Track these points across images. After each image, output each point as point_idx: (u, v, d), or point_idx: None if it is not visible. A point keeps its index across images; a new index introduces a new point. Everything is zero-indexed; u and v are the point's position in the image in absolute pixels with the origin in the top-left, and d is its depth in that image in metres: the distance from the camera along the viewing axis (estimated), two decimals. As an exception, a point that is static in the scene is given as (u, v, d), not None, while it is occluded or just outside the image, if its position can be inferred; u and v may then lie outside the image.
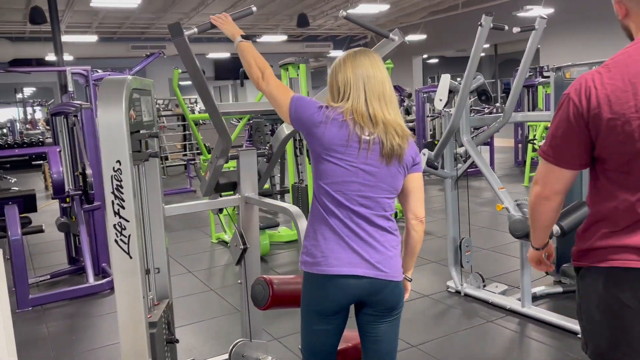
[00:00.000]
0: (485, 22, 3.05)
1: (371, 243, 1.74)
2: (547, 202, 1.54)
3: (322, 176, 1.75)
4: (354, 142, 1.69)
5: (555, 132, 1.46)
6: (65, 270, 4.78)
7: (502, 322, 3.33)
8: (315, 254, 1.76)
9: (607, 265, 1.45)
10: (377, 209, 1.75)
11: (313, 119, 1.73)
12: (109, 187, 1.89)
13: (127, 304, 1.95)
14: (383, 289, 1.76)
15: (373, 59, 1.80)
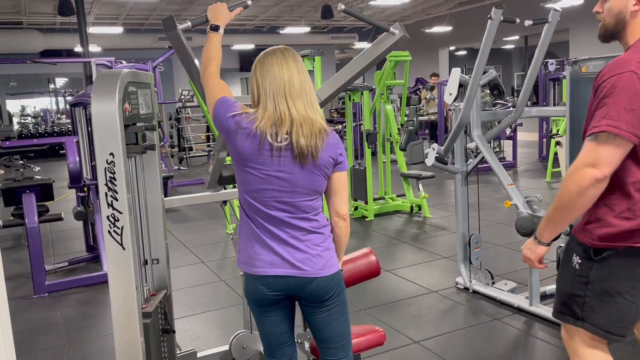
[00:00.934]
0: (495, 15, 2.99)
1: (293, 244, 1.77)
2: (601, 184, 1.55)
3: (241, 184, 1.81)
4: (265, 151, 1.69)
5: (626, 106, 1.49)
6: (83, 257, 4.90)
7: (508, 320, 3.28)
8: (245, 255, 1.85)
9: None
10: (296, 212, 1.77)
11: (228, 127, 1.74)
12: (102, 179, 1.92)
13: (120, 295, 1.99)
14: (306, 285, 1.80)
15: (282, 57, 1.76)
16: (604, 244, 1.63)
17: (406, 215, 6.15)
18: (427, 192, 6.30)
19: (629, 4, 1.63)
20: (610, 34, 1.70)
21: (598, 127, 1.52)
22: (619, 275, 1.63)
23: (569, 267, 1.74)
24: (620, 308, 1.65)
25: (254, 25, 15.72)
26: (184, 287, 4.14)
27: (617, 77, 1.52)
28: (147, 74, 2.29)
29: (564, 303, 1.75)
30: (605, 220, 1.62)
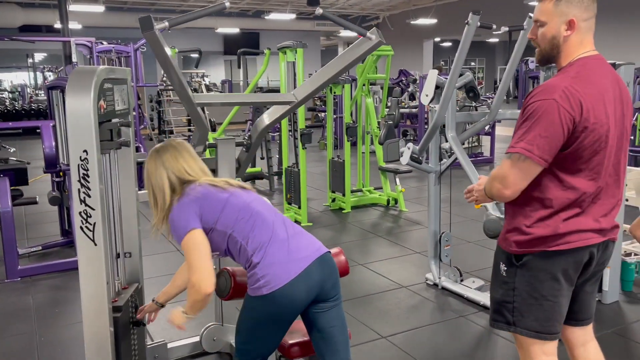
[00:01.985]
0: (472, 20, 3.03)
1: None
2: (507, 198, 1.76)
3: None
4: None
5: (541, 133, 1.63)
6: (57, 242, 4.89)
7: (474, 317, 3.38)
8: (269, 271, 1.92)
9: (569, 247, 1.73)
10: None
11: (213, 215, 1.95)
12: (76, 175, 1.94)
13: (90, 290, 2.02)
14: (329, 261, 2.06)
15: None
16: (522, 250, 1.77)
17: (382, 209, 6.24)
18: (404, 186, 6.39)
19: (561, 29, 1.72)
20: (547, 58, 1.79)
21: (514, 147, 1.68)
22: (539, 278, 1.77)
23: (498, 275, 1.88)
24: (545, 309, 1.79)
25: (239, 8, 15.58)
26: (157, 276, 4.16)
27: (541, 102, 1.64)
28: (124, 69, 2.30)
29: (497, 310, 1.87)
30: (521, 229, 1.77)
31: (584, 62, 1.73)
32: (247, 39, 17.12)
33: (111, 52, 8.13)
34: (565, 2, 1.70)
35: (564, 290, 1.80)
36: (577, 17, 1.71)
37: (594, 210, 1.75)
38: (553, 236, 1.74)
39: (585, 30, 1.75)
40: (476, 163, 9.09)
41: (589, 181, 1.72)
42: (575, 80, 1.66)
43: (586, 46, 1.76)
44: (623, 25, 11.49)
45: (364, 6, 16.22)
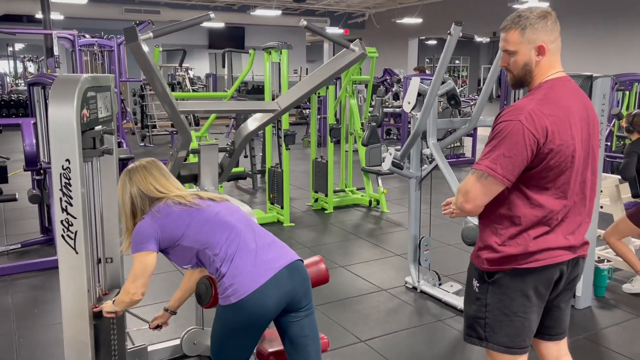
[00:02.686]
0: (454, 31, 3.08)
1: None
2: (470, 213, 1.80)
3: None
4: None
5: (505, 153, 1.68)
6: (36, 240, 4.85)
7: (451, 322, 3.45)
8: (239, 280, 2.00)
9: (538, 265, 1.78)
10: None
11: (178, 230, 2.03)
12: (58, 184, 1.95)
13: (71, 297, 2.04)
14: (302, 269, 2.13)
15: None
16: (494, 267, 1.83)
17: (365, 209, 6.30)
18: (386, 187, 6.45)
19: (532, 56, 1.77)
20: (519, 83, 1.84)
21: (479, 165, 1.73)
22: (510, 295, 1.82)
23: (470, 291, 1.92)
24: (516, 325, 1.84)
25: (224, 2, 15.47)
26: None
27: (507, 123, 1.70)
28: (108, 76, 2.30)
29: (470, 326, 1.92)
30: (493, 247, 1.82)
31: (551, 84, 1.78)
32: (232, 34, 17.02)
33: (94, 45, 8.04)
34: (531, 29, 1.75)
35: (534, 307, 1.84)
36: (545, 41, 1.76)
37: (563, 228, 1.81)
38: (523, 254, 1.79)
39: (554, 52, 1.80)
40: (458, 164, 9.20)
41: (555, 199, 1.77)
42: (542, 102, 1.72)
43: (554, 67, 1.81)
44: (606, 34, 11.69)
45: (350, 3, 16.22)
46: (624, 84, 6.69)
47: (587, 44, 11.83)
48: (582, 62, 11.31)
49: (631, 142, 3.95)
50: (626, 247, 3.93)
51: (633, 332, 3.33)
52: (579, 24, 12.08)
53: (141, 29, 8.46)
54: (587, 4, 11.89)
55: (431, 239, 3.98)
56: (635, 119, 3.91)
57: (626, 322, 3.45)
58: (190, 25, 2.12)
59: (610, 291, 3.87)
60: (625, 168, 3.81)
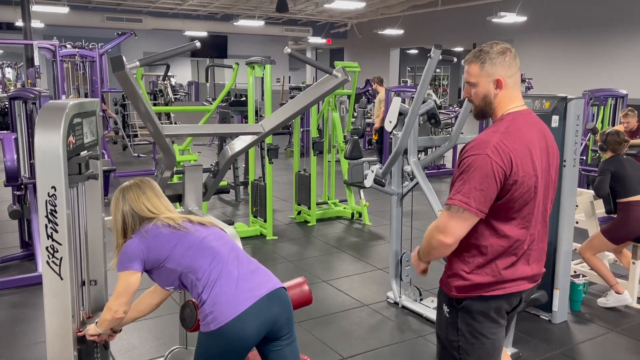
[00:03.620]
0: (434, 54, 3.16)
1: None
2: (449, 248, 1.84)
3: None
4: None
5: (476, 186, 1.75)
6: (16, 255, 4.80)
7: (431, 337, 3.51)
8: (221, 306, 2.03)
9: (500, 293, 1.87)
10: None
11: (164, 251, 2.07)
12: (43, 211, 1.96)
13: (56, 323, 2.04)
14: (283, 297, 2.13)
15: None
16: (462, 294, 1.89)
17: (347, 222, 6.35)
18: (368, 200, 6.52)
19: (490, 88, 1.88)
20: (482, 113, 1.94)
21: (452, 200, 1.79)
22: (478, 320, 1.89)
23: (442, 315, 2.00)
24: (487, 347, 1.91)
25: (207, 11, 15.48)
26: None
27: (475, 157, 1.77)
28: (93, 101, 2.32)
29: (444, 348, 1.99)
30: (461, 275, 1.88)
31: (512, 117, 1.87)
32: (215, 42, 17.02)
33: (75, 56, 8.00)
34: (490, 63, 1.85)
35: (500, 327, 1.94)
36: (503, 76, 1.86)
37: (528, 256, 1.89)
38: (490, 283, 1.87)
39: (512, 86, 1.89)
40: (439, 175, 9.33)
41: (521, 229, 1.85)
42: (504, 135, 1.80)
43: (514, 100, 1.90)
44: (581, 50, 11.97)
45: (332, 13, 16.36)
46: (599, 99, 6.87)
47: (562, 60, 12.12)
48: (557, 78, 11.58)
49: (605, 160, 4.08)
50: (600, 261, 4.05)
51: (608, 347, 3.43)
52: (554, 40, 12.37)
53: (124, 39, 8.46)
54: (562, 22, 12.19)
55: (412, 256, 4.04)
56: (609, 138, 4.03)
57: (601, 337, 3.55)
58: (176, 54, 2.15)
59: (586, 305, 3.98)
60: (599, 186, 3.93)
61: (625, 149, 4.05)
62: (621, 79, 10.54)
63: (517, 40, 13.21)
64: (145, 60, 2.13)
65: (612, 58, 11.38)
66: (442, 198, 3.90)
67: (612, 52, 11.38)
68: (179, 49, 2.15)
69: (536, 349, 3.36)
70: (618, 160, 3.99)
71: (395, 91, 9.06)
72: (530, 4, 12.01)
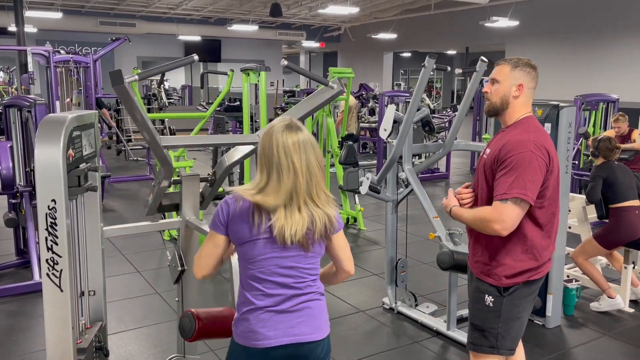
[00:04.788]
0: (428, 63, 3.20)
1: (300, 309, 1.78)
2: (501, 235, 2.04)
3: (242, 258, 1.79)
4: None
5: (529, 178, 1.99)
6: (12, 263, 4.80)
7: (427, 343, 3.54)
8: (245, 328, 1.77)
9: (540, 277, 2.14)
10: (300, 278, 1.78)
11: (246, 231, 1.72)
12: (43, 224, 1.98)
13: (56, 335, 2.06)
14: (314, 349, 1.79)
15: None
16: (512, 281, 2.11)
17: (342, 227, 6.37)
18: (363, 204, 6.55)
19: (512, 90, 2.14)
20: (495, 111, 2.18)
21: (510, 193, 1.98)
22: (520, 304, 2.13)
23: (482, 306, 2.17)
24: (518, 327, 2.18)
25: (201, 16, 15.49)
26: (118, 299, 4.17)
27: (521, 154, 2.02)
28: (91, 113, 2.34)
29: (481, 336, 2.17)
30: (509, 265, 2.10)
31: (532, 119, 2.17)
32: (209, 46, 17.03)
33: (69, 62, 7.99)
34: (520, 70, 2.14)
35: (530, 310, 2.22)
36: (525, 84, 2.15)
37: (552, 240, 2.17)
38: (535, 268, 2.11)
39: (528, 96, 2.17)
40: (432, 179, 9.38)
41: (550, 214, 2.13)
42: (537, 133, 2.09)
43: (527, 107, 2.19)
44: (574, 55, 12.08)
45: (326, 17, 16.41)
46: (590, 103, 6.94)
47: (554, 64, 12.21)
48: (549, 82, 11.67)
49: (597, 166, 4.13)
50: (593, 266, 4.10)
51: (600, 352, 3.48)
52: (546, 45, 12.47)
53: (118, 44, 8.47)
54: (554, 26, 12.29)
55: (407, 258, 4.08)
56: (601, 144, 4.09)
57: (594, 341, 3.60)
58: (175, 67, 2.18)
59: (579, 310, 4.03)
60: (591, 192, 3.98)
61: (617, 155, 4.10)
62: (613, 83, 10.66)
63: (509, 45, 13.32)
64: (144, 74, 2.15)
65: (604, 62, 11.49)
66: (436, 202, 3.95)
67: (603, 56, 11.49)
68: (177, 63, 2.17)
69: (530, 353, 3.39)
70: (610, 166, 4.04)
71: (389, 96, 9.11)
72: (522, 8, 12.11)
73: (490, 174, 2.11)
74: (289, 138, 1.73)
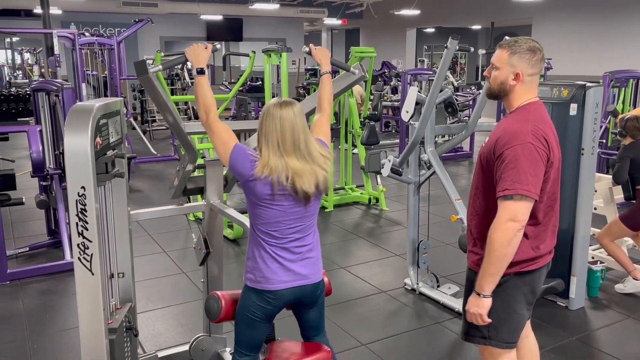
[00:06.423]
0: (451, 45, 3.16)
1: (302, 262, 2.17)
2: (521, 233, 1.94)
3: (256, 217, 2.11)
4: (279, 192, 2.05)
5: (530, 172, 1.88)
6: (44, 242, 4.95)
7: (449, 324, 3.57)
8: (256, 274, 2.13)
9: (535, 268, 2.05)
10: (308, 230, 2.16)
11: (246, 174, 2.05)
12: (74, 210, 2.05)
13: (88, 316, 2.14)
14: (311, 291, 2.22)
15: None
16: None
17: (364, 207, 6.41)
18: (385, 185, 6.56)
19: (509, 78, 2.02)
20: (494, 95, 2.09)
21: (513, 189, 1.88)
22: (513, 296, 2.06)
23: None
24: (514, 322, 2.09)
25: (222, -6, 15.42)
26: (145, 279, 4.29)
27: (519, 147, 1.90)
28: (117, 101, 2.38)
29: (473, 326, 2.11)
30: None
31: (534, 107, 2.03)
32: (230, 25, 16.99)
33: (94, 44, 8.09)
34: (517, 56, 1.99)
35: (529, 305, 2.11)
36: (524, 72, 2.00)
37: (550, 232, 2.09)
38: (526, 260, 2.03)
39: (530, 83, 2.04)
40: (456, 158, 9.31)
41: (548, 207, 2.04)
42: (536, 122, 1.97)
43: (531, 94, 2.05)
44: (602, 30, 11.72)
45: (348, -7, 16.20)
46: (620, 80, 6.77)
47: (582, 39, 11.87)
48: (577, 58, 11.38)
49: (624, 147, 4.05)
50: (618, 248, 4.05)
51: (624, 334, 3.46)
52: (574, 19, 12.10)
53: (141, 26, 8.52)
54: (582, 0, 11.92)
55: (430, 239, 4.09)
56: (628, 124, 4.00)
57: (618, 323, 3.58)
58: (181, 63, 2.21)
59: (603, 291, 4.00)
60: (618, 173, 3.91)
61: (645, 134, 4.01)
62: (642, 58, 10.34)
63: (536, 20, 12.97)
64: (167, 64, 2.19)
65: (633, 38, 11.13)
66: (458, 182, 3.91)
67: (632, 31, 11.13)
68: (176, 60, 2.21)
69: (553, 335, 3.41)
70: (637, 146, 3.96)
71: (412, 74, 9.01)
72: (550, -19, 11.76)
73: (487, 164, 2.02)
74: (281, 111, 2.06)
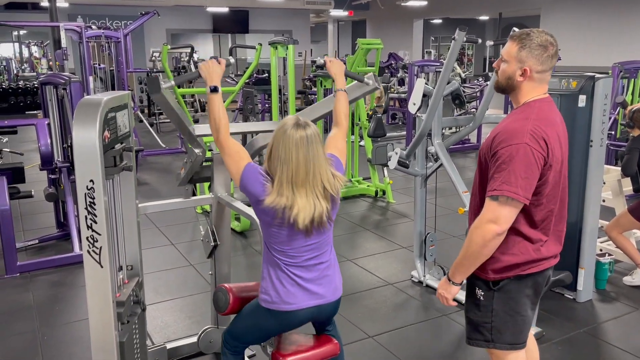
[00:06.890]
0: (458, 36, 3.14)
1: (319, 281, 2.17)
2: (501, 237, 1.89)
3: (270, 236, 2.09)
4: (278, 223, 2.04)
5: (522, 174, 1.81)
6: (53, 235, 4.99)
7: (455, 316, 3.58)
8: (272, 295, 2.11)
9: (536, 271, 1.99)
10: (324, 246, 2.11)
11: (256, 196, 2.03)
12: (83, 203, 2.06)
13: (97, 308, 2.16)
14: (329, 310, 2.29)
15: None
16: (499, 276, 1.99)
17: (371, 200, 6.41)
18: (392, 177, 6.55)
19: (516, 73, 1.92)
20: (501, 89, 2.00)
21: (500, 190, 1.83)
22: (515, 299, 2.01)
23: (474, 299, 2.08)
24: (519, 324, 2.04)
25: (228, -14, 15.39)
26: (153, 271, 4.31)
27: (515, 146, 1.82)
28: (125, 94, 2.39)
29: (475, 330, 2.09)
30: (497, 258, 1.96)
31: (540, 105, 1.94)
32: (236, 17, 16.96)
33: (101, 37, 8.10)
34: (527, 51, 1.89)
35: (533, 305, 2.07)
36: (532, 68, 1.90)
37: (554, 236, 2.02)
38: (525, 262, 1.97)
39: (539, 80, 1.94)
40: (463, 150, 9.27)
41: (548, 212, 1.96)
42: (537, 122, 1.87)
43: (539, 90, 1.96)
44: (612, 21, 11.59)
45: (355, -15, 16.12)
46: (629, 71, 6.71)
47: (592, 29, 11.76)
48: (586, 48, 11.27)
49: (633, 138, 4.02)
50: (627, 240, 4.03)
51: (632, 326, 3.45)
52: (583, 9, 11.99)
53: (147, 19, 8.51)
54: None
55: (437, 231, 4.09)
56: (636, 115, 3.97)
57: (626, 316, 3.57)
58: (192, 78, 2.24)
59: (611, 284, 3.99)
60: (627, 165, 3.89)
61: (654, 126, 3.98)
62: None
63: (545, 10, 12.85)
64: (179, 80, 2.23)
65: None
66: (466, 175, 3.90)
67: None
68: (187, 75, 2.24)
69: (560, 327, 3.40)
70: (646, 138, 3.93)
71: (419, 65, 8.96)
72: (558, -29, 11.65)
73: (484, 161, 1.97)
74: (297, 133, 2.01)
